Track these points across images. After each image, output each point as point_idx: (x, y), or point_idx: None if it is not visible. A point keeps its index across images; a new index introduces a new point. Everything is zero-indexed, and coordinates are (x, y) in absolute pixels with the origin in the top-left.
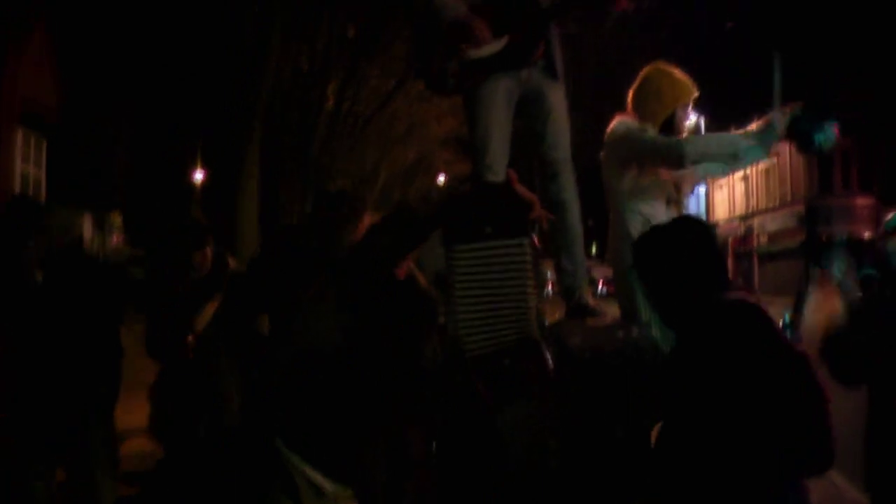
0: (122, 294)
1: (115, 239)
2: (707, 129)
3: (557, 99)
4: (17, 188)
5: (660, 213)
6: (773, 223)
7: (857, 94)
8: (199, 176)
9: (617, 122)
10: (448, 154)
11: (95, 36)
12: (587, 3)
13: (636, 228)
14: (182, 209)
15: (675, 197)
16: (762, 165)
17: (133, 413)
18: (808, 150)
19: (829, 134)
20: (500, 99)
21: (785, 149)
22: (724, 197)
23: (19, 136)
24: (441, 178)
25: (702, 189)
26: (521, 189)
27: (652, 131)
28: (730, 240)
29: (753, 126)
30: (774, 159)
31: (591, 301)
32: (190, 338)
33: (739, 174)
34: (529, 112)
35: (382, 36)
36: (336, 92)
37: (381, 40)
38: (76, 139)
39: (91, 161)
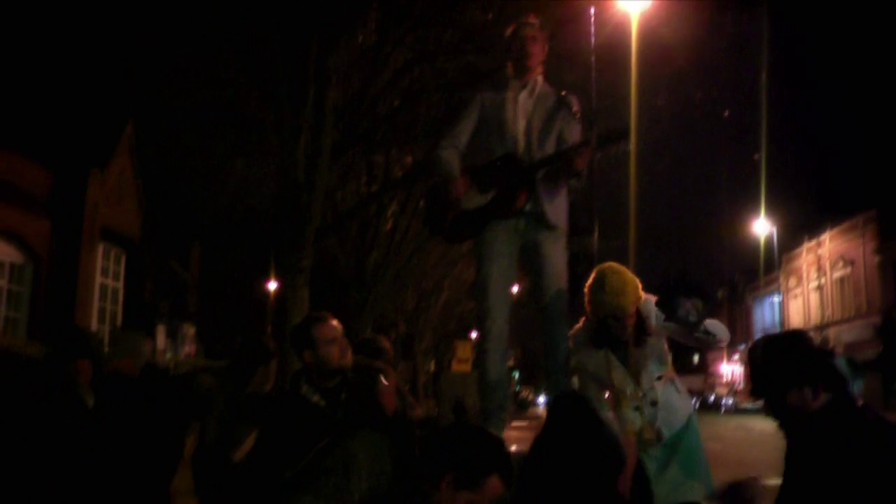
0: (184, 414)
1: (187, 349)
2: (778, 238)
3: (552, 249)
4: (96, 300)
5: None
6: (849, 334)
7: None
8: (272, 286)
9: (579, 327)
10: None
11: (174, 159)
12: (558, 160)
13: None
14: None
15: (639, 403)
16: (838, 274)
17: None
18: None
19: (688, 309)
20: (497, 250)
21: (860, 259)
22: (798, 307)
23: (100, 251)
24: (514, 289)
25: (776, 298)
26: None
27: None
28: None
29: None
30: (849, 269)
31: None
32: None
33: (814, 284)
34: (526, 262)
35: None
36: (395, 214)
37: None
38: (153, 253)
39: (166, 274)
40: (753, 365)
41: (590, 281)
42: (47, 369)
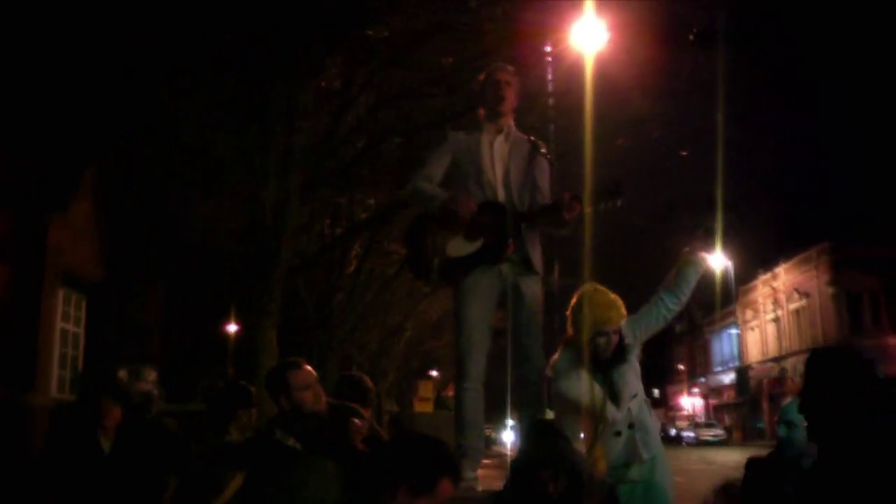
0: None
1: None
2: (735, 274)
3: (532, 291)
4: (58, 346)
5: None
6: None
7: (882, 233)
8: (232, 328)
9: (557, 357)
10: None
11: (137, 202)
12: (547, 214)
13: None
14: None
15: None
16: (793, 306)
17: None
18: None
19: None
20: (479, 293)
21: (815, 291)
22: (756, 339)
23: (61, 296)
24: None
25: (733, 331)
26: None
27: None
28: (764, 382)
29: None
30: (805, 300)
31: None
32: None
33: (771, 316)
34: (508, 304)
35: (403, 206)
36: (358, 256)
37: (400, 208)
38: (115, 297)
39: (127, 317)
40: (811, 380)
41: (573, 302)
42: (71, 412)
